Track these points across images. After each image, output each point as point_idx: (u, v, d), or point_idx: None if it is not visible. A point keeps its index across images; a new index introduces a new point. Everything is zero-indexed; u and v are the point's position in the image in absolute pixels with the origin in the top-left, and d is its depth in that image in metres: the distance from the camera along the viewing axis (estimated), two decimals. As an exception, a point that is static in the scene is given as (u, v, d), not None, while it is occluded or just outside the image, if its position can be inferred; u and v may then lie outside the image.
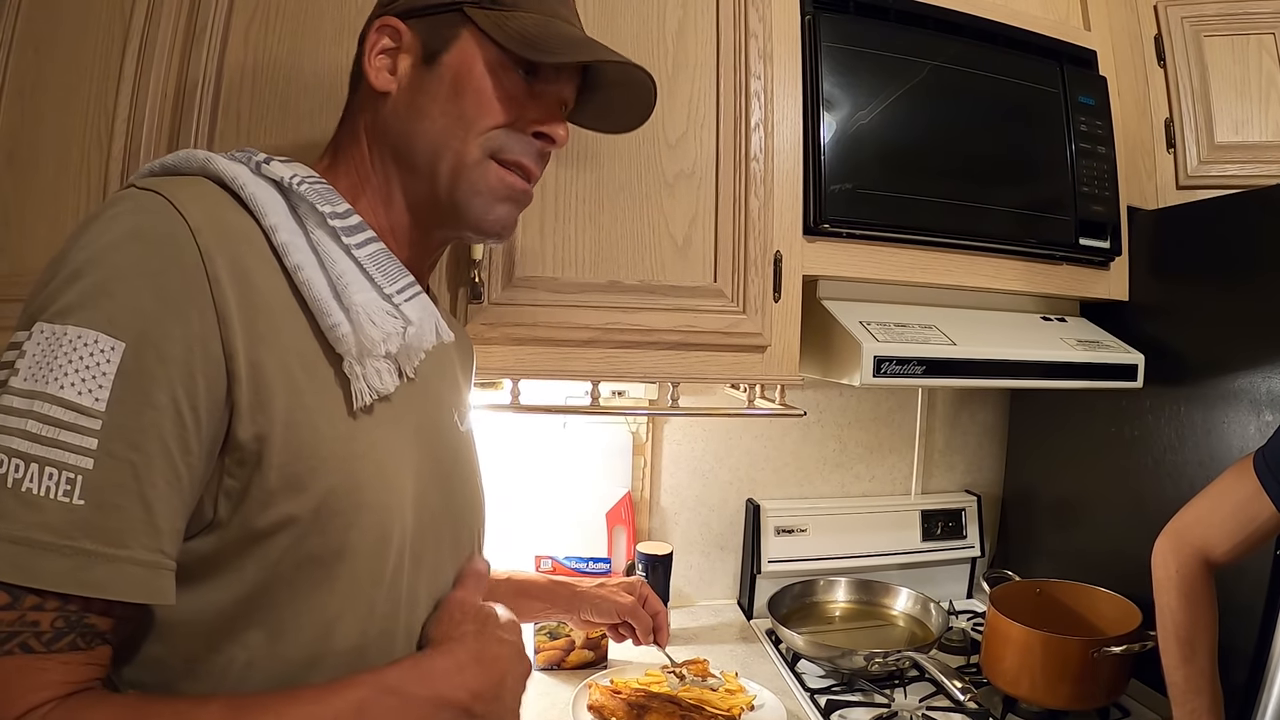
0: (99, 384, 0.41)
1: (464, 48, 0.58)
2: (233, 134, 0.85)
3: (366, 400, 0.51)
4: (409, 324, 0.54)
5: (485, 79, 0.58)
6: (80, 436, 0.41)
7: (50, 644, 0.40)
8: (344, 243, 0.53)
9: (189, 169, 0.52)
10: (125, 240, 0.44)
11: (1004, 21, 1.16)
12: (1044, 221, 1.15)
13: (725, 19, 0.99)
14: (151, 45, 0.86)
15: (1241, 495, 0.87)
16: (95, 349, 0.41)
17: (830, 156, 1.02)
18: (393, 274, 0.55)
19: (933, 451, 1.58)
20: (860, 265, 1.07)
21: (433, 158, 0.58)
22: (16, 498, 0.39)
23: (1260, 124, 1.23)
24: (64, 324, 0.42)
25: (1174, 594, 0.91)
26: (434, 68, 0.58)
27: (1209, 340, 1.11)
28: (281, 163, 0.54)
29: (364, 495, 0.51)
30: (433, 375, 0.62)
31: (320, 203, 0.53)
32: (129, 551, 0.41)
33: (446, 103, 0.57)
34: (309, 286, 0.50)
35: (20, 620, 0.39)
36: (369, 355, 0.51)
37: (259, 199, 0.50)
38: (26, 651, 0.39)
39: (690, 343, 0.97)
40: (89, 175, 0.87)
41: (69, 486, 0.40)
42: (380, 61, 0.58)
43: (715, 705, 1.04)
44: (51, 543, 0.39)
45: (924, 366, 1.03)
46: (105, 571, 0.41)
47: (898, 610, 1.38)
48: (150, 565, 0.42)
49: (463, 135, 0.57)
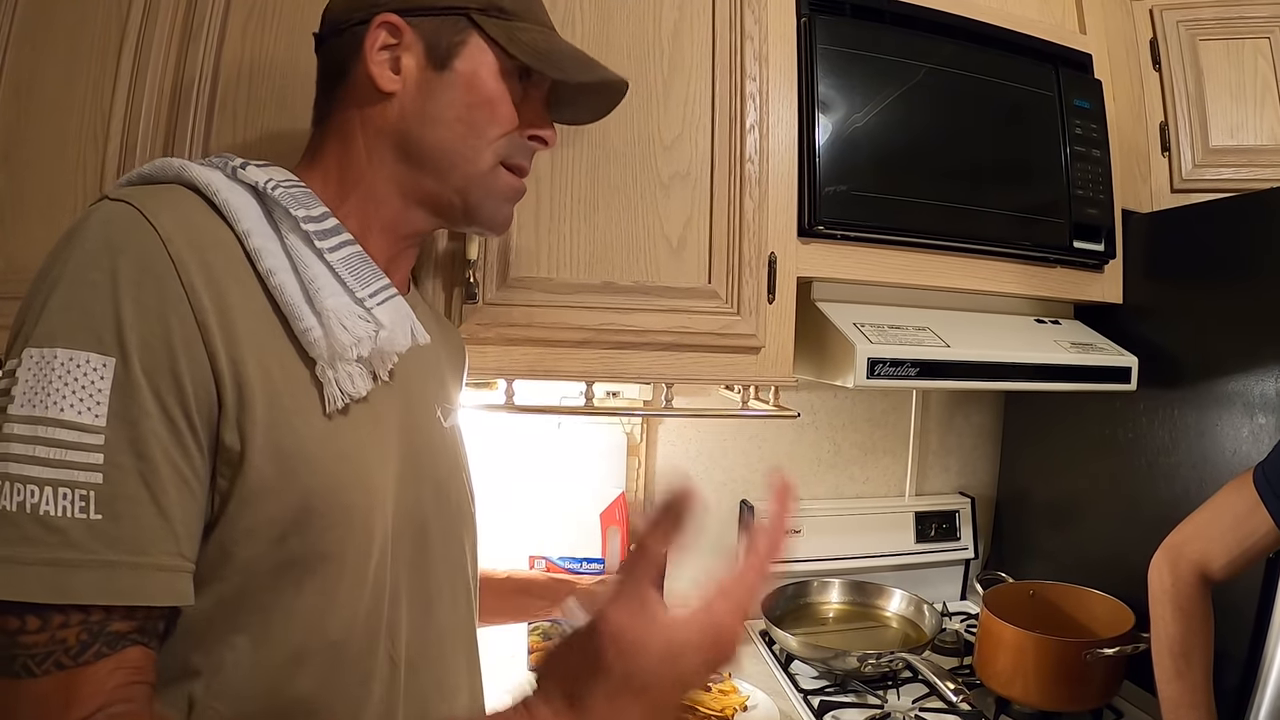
0: (96, 400, 0.42)
1: (475, 55, 0.59)
2: (229, 132, 0.85)
3: (339, 404, 0.52)
4: (381, 328, 0.54)
5: (496, 87, 0.59)
6: (86, 454, 0.42)
7: (76, 657, 0.41)
8: (317, 246, 0.53)
9: (164, 177, 0.52)
10: (98, 255, 0.45)
11: (999, 24, 1.16)
12: (1038, 224, 1.15)
13: (721, 21, 1.00)
14: (148, 43, 0.86)
15: (1240, 510, 0.86)
16: (87, 368, 0.42)
17: (825, 158, 1.03)
18: (366, 277, 0.55)
19: (927, 453, 1.58)
20: (854, 267, 1.07)
21: (446, 163, 0.59)
22: (37, 522, 0.41)
23: (1255, 128, 1.24)
24: (52, 347, 0.43)
25: (1170, 608, 0.90)
26: (445, 73, 0.58)
27: (1203, 343, 1.11)
28: (258, 167, 0.54)
29: (343, 496, 0.51)
30: (414, 375, 0.62)
31: (294, 207, 0.53)
32: (151, 558, 0.43)
33: (461, 110, 0.59)
34: (281, 291, 0.50)
35: (50, 640, 0.40)
36: (340, 359, 0.52)
37: (232, 205, 0.51)
38: (60, 669, 0.40)
39: (684, 344, 0.98)
40: (85, 173, 0.87)
41: (84, 503, 0.41)
42: (382, 58, 0.58)
43: (708, 706, 1.04)
44: (78, 559, 0.41)
45: (917, 368, 1.03)
46: (132, 579, 0.42)
47: (891, 611, 1.38)
48: (172, 569, 0.44)
49: (476, 144, 0.59)
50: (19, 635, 0.40)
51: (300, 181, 0.56)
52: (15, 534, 0.40)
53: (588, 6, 0.94)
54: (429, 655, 0.60)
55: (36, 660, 0.40)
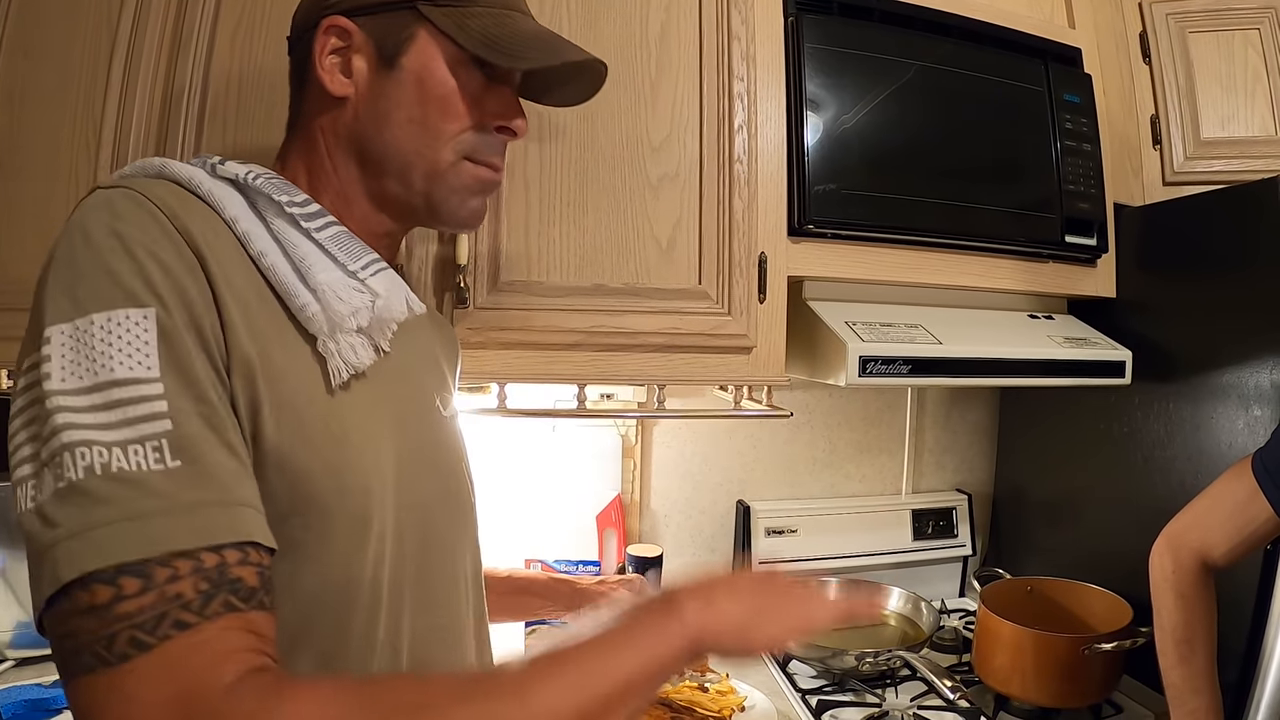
0: (145, 352, 0.41)
1: (423, 49, 0.57)
2: (219, 140, 0.85)
3: (344, 376, 0.51)
4: (377, 296, 0.54)
5: (449, 81, 0.57)
6: (149, 405, 0.40)
7: (201, 610, 0.36)
8: (303, 227, 0.53)
9: (146, 175, 0.52)
10: (105, 230, 0.44)
11: (988, 20, 1.16)
12: (1030, 220, 1.15)
13: (708, 21, 1.00)
14: (138, 53, 0.86)
15: (1239, 497, 0.86)
16: (128, 323, 0.41)
17: (814, 157, 1.03)
18: (355, 252, 0.55)
19: (923, 451, 1.58)
20: (845, 265, 1.07)
21: (404, 164, 0.58)
22: (111, 480, 0.37)
23: (1246, 119, 1.23)
24: (85, 315, 0.41)
25: (1171, 595, 0.91)
26: (394, 71, 0.57)
27: (1196, 336, 1.11)
28: (236, 162, 0.54)
29: (344, 479, 0.50)
30: (412, 357, 0.62)
31: (276, 193, 0.53)
32: (237, 495, 0.41)
33: (413, 108, 0.57)
34: (274, 271, 0.50)
35: (161, 599, 0.36)
36: (340, 331, 0.51)
37: (217, 195, 0.51)
38: (182, 629, 0.36)
39: (676, 345, 0.98)
40: (77, 183, 0.87)
41: (158, 453, 0.39)
42: (331, 63, 0.56)
43: (706, 706, 1.04)
44: (163, 507, 0.38)
45: (910, 366, 1.03)
46: (226, 518, 0.40)
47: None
48: (257, 509, 0.42)
49: (433, 142, 0.57)
50: (115, 606, 0.35)
51: (278, 175, 0.56)
52: (87, 501, 0.37)
53: (574, 8, 0.95)
54: (432, 647, 0.59)
55: (147, 627, 0.35)
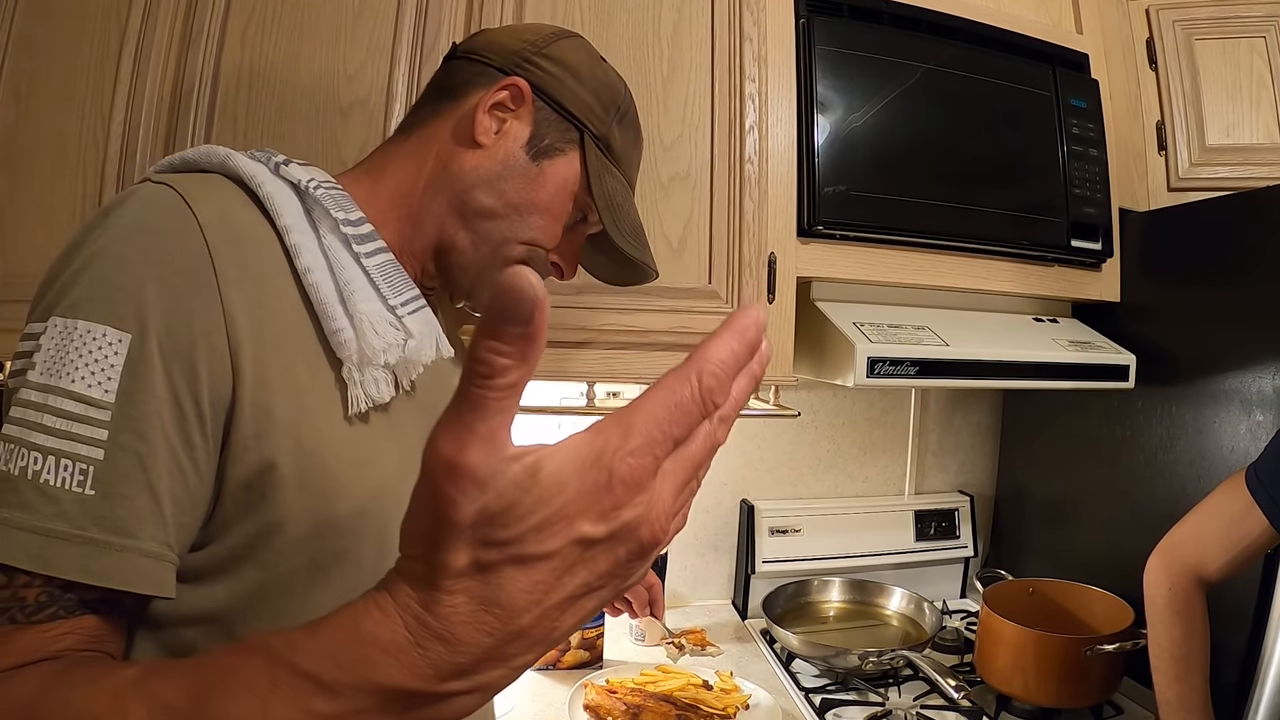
0: (108, 376, 0.42)
1: (565, 168, 0.61)
2: (229, 137, 0.85)
3: (362, 407, 0.52)
4: (410, 336, 0.54)
5: (565, 205, 0.61)
6: (91, 428, 0.42)
7: (31, 615, 0.41)
8: (354, 250, 0.53)
9: (209, 165, 0.52)
10: (132, 233, 0.45)
11: (997, 25, 1.17)
12: (1036, 223, 1.16)
13: (720, 22, 1.00)
14: (147, 48, 0.86)
15: (1234, 511, 0.86)
16: (104, 342, 0.42)
17: (824, 159, 1.03)
18: (399, 285, 0.55)
19: (926, 452, 1.59)
20: (853, 267, 1.08)
21: (484, 229, 0.60)
22: (36, 489, 0.41)
23: (1251, 126, 1.24)
24: (75, 318, 0.43)
25: (1167, 612, 0.90)
26: (533, 164, 0.60)
27: (1200, 341, 1.12)
28: (300, 165, 0.55)
29: (361, 502, 0.51)
30: (434, 390, 0.62)
31: (334, 208, 0.54)
32: (136, 541, 0.42)
33: (524, 201, 0.60)
34: (317, 290, 0.50)
35: (13, 597, 0.41)
36: (368, 364, 0.52)
37: (276, 199, 0.51)
38: (11, 624, 0.40)
39: (685, 344, 0.98)
40: (85, 178, 0.87)
41: (82, 477, 0.41)
42: (493, 115, 0.59)
43: (710, 705, 1.04)
44: (65, 531, 0.41)
45: (917, 367, 1.03)
46: (111, 560, 0.41)
47: (892, 610, 1.39)
48: (156, 556, 0.43)
49: (514, 233, 0.60)
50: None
51: (339, 185, 0.56)
52: (14, 499, 0.41)
53: (588, 8, 0.95)
54: None
55: None
